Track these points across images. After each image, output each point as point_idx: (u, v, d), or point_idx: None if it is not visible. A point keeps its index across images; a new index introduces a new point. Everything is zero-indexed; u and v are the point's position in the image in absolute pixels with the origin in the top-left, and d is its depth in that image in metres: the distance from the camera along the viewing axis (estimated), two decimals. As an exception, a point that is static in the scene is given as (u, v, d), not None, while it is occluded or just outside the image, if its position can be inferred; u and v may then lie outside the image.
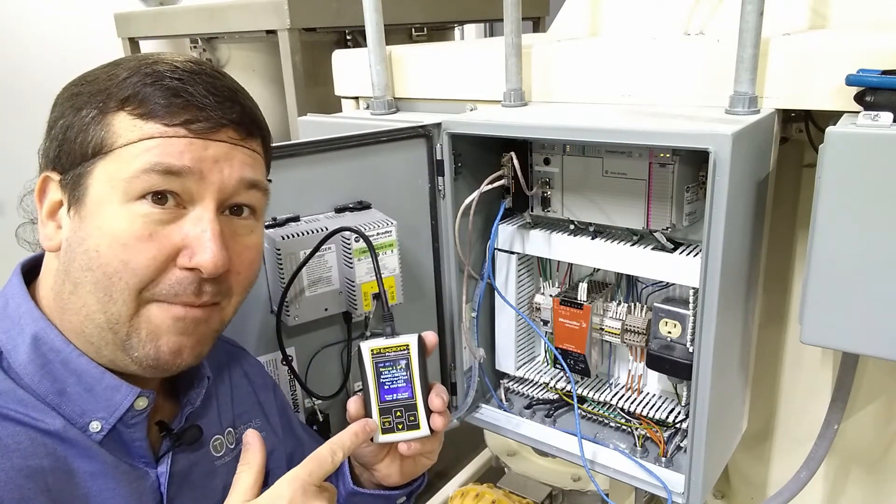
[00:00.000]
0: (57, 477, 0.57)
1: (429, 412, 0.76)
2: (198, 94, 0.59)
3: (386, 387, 0.75)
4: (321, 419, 1.02)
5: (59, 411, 0.59)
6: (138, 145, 0.57)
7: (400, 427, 0.75)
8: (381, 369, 0.75)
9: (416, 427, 0.75)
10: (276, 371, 0.97)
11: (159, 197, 0.58)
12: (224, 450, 0.73)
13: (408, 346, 0.76)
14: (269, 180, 0.70)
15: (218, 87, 0.61)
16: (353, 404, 0.77)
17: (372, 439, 0.75)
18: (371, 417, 0.75)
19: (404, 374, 0.75)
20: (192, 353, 0.63)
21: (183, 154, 0.58)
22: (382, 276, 0.93)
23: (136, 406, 0.62)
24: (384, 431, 0.75)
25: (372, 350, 0.75)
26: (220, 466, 0.72)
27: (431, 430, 0.76)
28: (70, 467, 0.59)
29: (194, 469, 0.69)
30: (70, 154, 0.59)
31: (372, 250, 0.83)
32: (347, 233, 0.89)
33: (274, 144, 0.90)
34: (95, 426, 0.61)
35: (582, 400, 1.10)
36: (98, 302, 0.59)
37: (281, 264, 0.88)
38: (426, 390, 0.76)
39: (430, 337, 0.77)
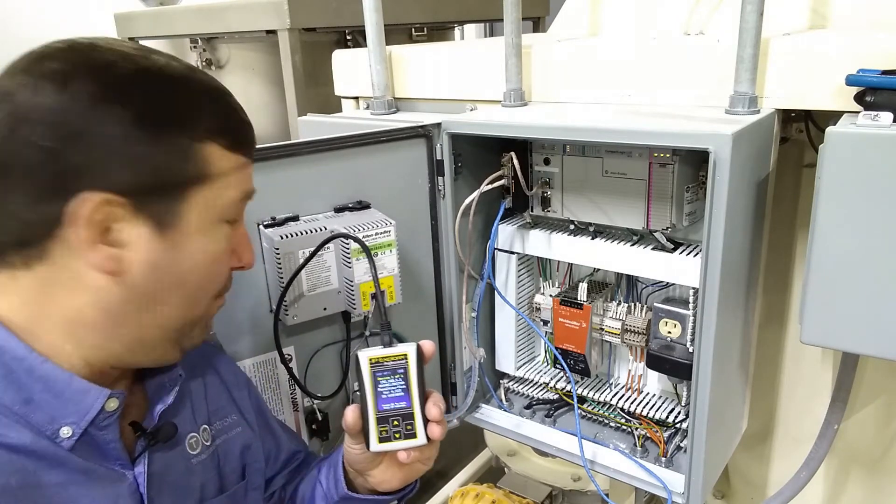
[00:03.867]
0: (26, 494, 0.56)
1: (426, 421, 0.76)
2: (250, 124, 0.67)
3: (383, 396, 0.75)
4: (320, 418, 1.02)
5: (26, 420, 0.58)
6: (233, 176, 0.63)
7: (397, 436, 0.75)
8: (379, 378, 0.75)
9: (413, 436, 0.75)
10: (276, 370, 0.97)
11: None
12: (200, 447, 0.73)
13: (406, 355, 0.75)
14: None
15: (242, 108, 0.67)
16: (351, 413, 0.76)
17: (368, 447, 0.75)
18: (368, 426, 0.75)
19: (402, 383, 0.75)
20: (210, 330, 0.72)
21: (252, 180, 0.67)
22: (381, 275, 0.94)
23: (106, 408, 0.61)
24: (381, 440, 0.75)
25: (370, 359, 0.75)
26: (196, 465, 0.72)
27: (428, 439, 0.76)
28: (39, 481, 0.57)
29: (172, 468, 0.69)
30: (151, 178, 0.58)
31: (369, 256, 0.83)
32: (346, 232, 0.89)
33: (274, 144, 0.91)
34: (66, 432, 0.59)
35: (582, 400, 1.10)
36: (180, 310, 0.64)
37: (280, 264, 0.88)
38: (423, 399, 0.76)
39: (429, 346, 0.77)
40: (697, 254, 0.92)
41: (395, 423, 0.75)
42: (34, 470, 0.57)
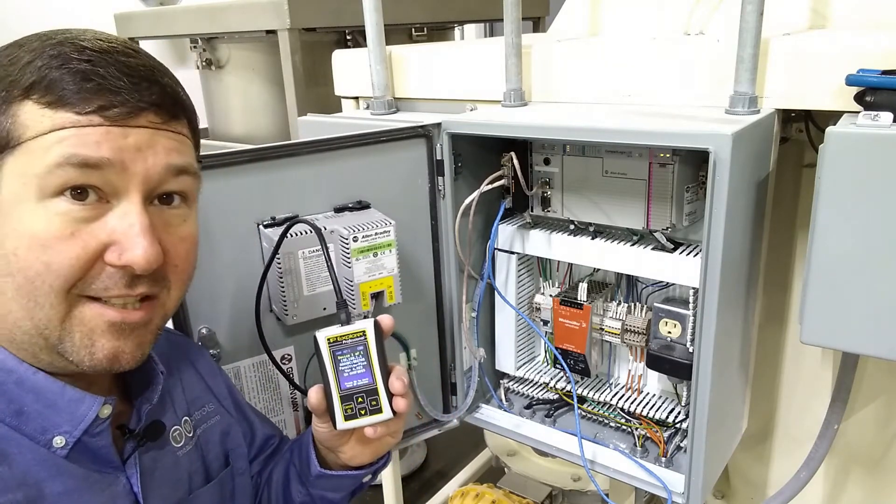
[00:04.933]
0: None
1: (390, 395, 0.76)
2: (111, 76, 0.54)
3: (345, 374, 0.75)
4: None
5: (20, 432, 0.57)
6: (49, 137, 0.52)
7: (363, 412, 0.76)
8: (339, 357, 0.75)
9: (379, 411, 0.76)
10: (276, 370, 0.97)
11: (79, 192, 0.54)
12: (184, 440, 0.73)
13: (364, 331, 0.76)
14: (200, 161, 0.65)
15: (133, 66, 0.55)
16: (314, 394, 0.77)
17: (335, 425, 0.76)
18: (333, 405, 0.75)
19: (363, 360, 0.76)
20: (131, 357, 0.60)
21: (100, 144, 0.53)
22: (381, 275, 0.94)
23: (100, 415, 0.60)
24: (347, 418, 0.75)
25: (328, 339, 0.76)
26: (182, 457, 0.72)
27: (394, 413, 0.76)
28: (42, 493, 0.57)
29: (160, 464, 0.69)
30: None
31: (322, 241, 0.80)
32: (345, 232, 0.89)
33: (274, 144, 0.91)
34: (59, 441, 0.58)
35: (582, 400, 1.10)
36: (23, 308, 0.55)
37: (279, 264, 0.88)
38: (386, 374, 0.76)
39: (387, 320, 0.77)
40: (697, 254, 0.92)
41: (360, 399, 0.75)
42: (36, 482, 0.57)
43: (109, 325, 0.57)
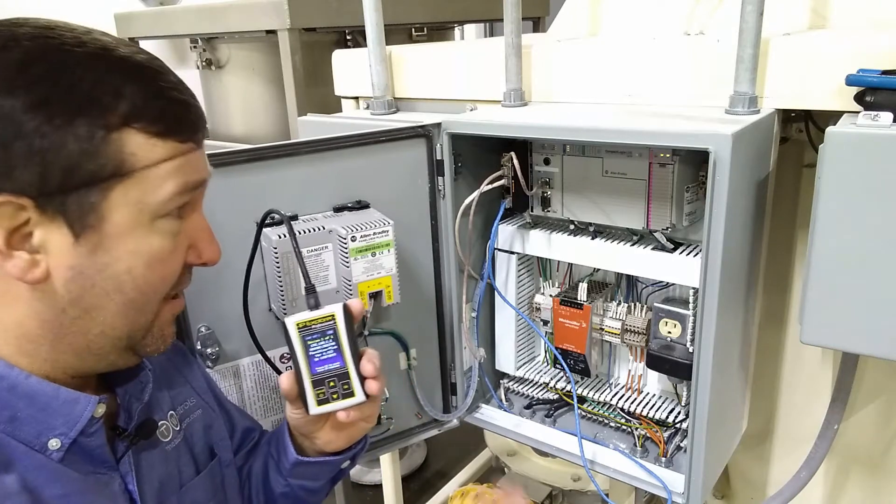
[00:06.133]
0: None
1: (362, 378, 0.76)
2: (192, 103, 0.59)
3: (316, 359, 0.75)
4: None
5: (14, 439, 0.57)
6: (164, 167, 0.56)
7: (335, 396, 0.76)
8: (309, 342, 0.75)
9: (351, 395, 0.76)
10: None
11: (180, 208, 0.60)
12: (171, 434, 0.73)
13: (333, 315, 0.76)
14: None
15: (184, 87, 0.60)
16: (286, 380, 0.77)
17: (307, 411, 0.76)
18: (305, 390, 0.75)
19: (333, 344, 0.75)
20: (172, 339, 0.67)
21: (199, 168, 0.61)
22: (380, 275, 0.94)
23: (95, 414, 0.60)
24: (319, 403, 0.75)
25: (297, 324, 0.75)
26: (171, 451, 0.72)
27: (367, 396, 0.76)
28: (42, 498, 0.57)
29: (151, 461, 0.69)
30: (59, 175, 0.52)
31: (290, 229, 0.79)
32: (343, 232, 0.89)
33: (274, 144, 0.91)
34: (54, 444, 0.58)
35: (582, 400, 1.10)
36: (125, 317, 0.59)
37: (278, 263, 0.88)
38: (357, 358, 0.76)
39: (356, 304, 0.78)
40: (697, 254, 0.92)
41: (332, 384, 0.75)
42: (34, 488, 0.56)
43: (174, 314, 0.66)
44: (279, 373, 0.95)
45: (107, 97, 0.53)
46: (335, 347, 0.76)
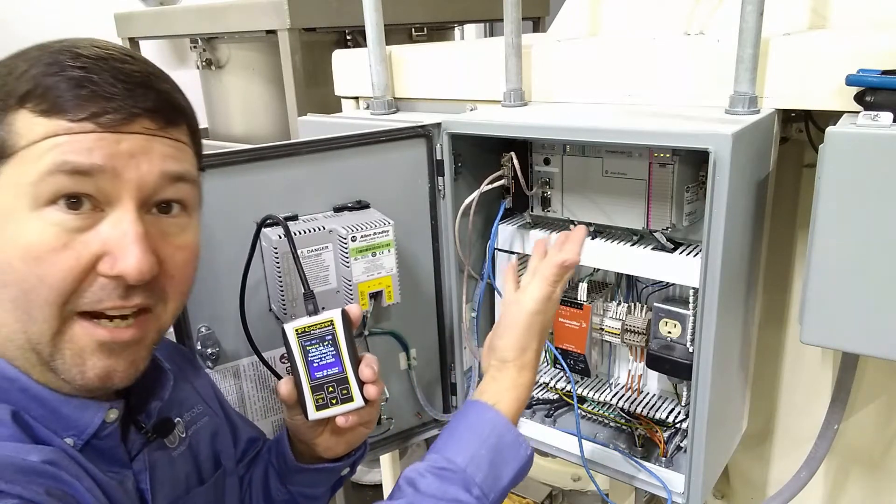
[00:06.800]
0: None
1: (361, 384, 0.76)
2: (104, 83, 0.53)
3: (315, 364, 0.76)
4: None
5: (31, 437, 0.55)
6: (42, 144, 0.51)
7: (334, 402, 0.76)
8: (308, 347, 0.76)
9: (350, 400, 0.76)
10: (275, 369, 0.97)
11: (73, 201, 0.52)
12: (178, 440, 0.72)
13: (332, 321, 0.76)
14: (203, 169, 0.64)
15: (128, 72, 0.54)
16: (284, 385, 0.77)
17: (306, 416, 0.76)
18: (304, 396, 0.76)
19: (332, 349, 0.76)
20: (124, 375, 0.58)
21: (92, 151, 0.52)
22: (380, 275, 0.94)
23: (107, 419, 0.59)
24: (318, 408, 0.76)
25: (296, 330, 0.76)
26: (177, 457, 0.72)
27: (366, 401, 0.76)
28: (74, 487, 0.55)
29: (160, 463, 0.69)
30: None
31: (288, 234, 0.79)
32: (344, 232, 0.89)
33: (273, 144, 0.91)
34: (69, 442, 0.57)
35: (582, 400, 1.09)
36: (17, 321, 0.54)
37: (278, 264, 0.88)
38: (356, 363, 0.76)
39: (354, 309, 0.78)
40: (697, 254, 0.92)
41: (330, 389, 0.76)
42: (66, 478, 0.54)
43: (99, 344, 0.55)
44: (278, 377, 0.95)
45: (13, 81, 0.53)
46: (334, 353, 0.76)
